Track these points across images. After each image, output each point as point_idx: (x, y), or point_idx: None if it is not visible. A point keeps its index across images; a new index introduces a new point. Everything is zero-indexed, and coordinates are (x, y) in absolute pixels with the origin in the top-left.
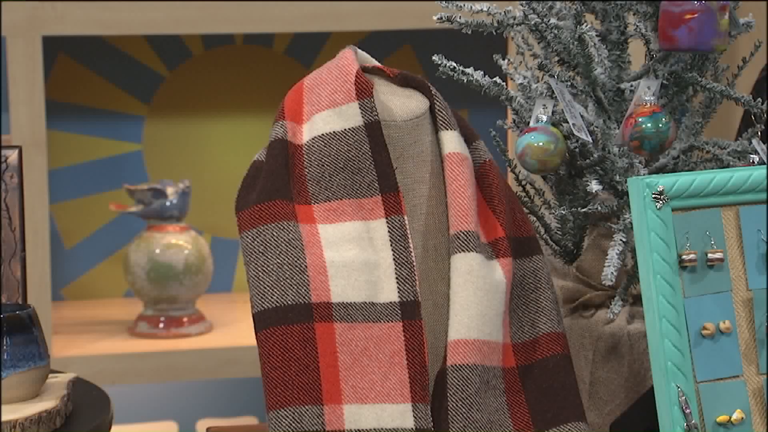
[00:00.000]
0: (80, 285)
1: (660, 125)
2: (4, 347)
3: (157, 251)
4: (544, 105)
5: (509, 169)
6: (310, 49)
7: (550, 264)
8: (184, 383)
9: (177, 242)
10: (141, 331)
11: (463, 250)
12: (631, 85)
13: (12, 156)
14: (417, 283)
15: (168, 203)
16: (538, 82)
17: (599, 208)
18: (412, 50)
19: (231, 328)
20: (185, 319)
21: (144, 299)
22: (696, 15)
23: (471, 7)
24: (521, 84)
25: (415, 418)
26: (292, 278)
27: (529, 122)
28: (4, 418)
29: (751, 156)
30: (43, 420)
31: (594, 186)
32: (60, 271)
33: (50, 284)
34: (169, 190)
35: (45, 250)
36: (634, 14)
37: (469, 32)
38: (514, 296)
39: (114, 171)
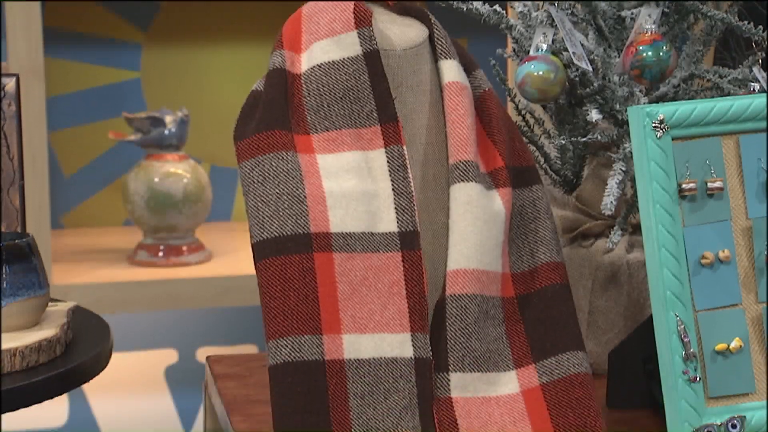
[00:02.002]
0: (79, 213)
1: (661, 53)
2: (4, 276)
3: (156, 180)
4: (544, 33)
5: (509, 99)
6: None
7: (549, 194)
8: (184, 312)
9: (176, 171)
10: (140, 260)
11: (462, 180)
12: (632, 13)
13: (9, 84)
14: (416, 213)
15: (167, 132)
16: (538, 10)
17: (599, 137)
18: None
19: (230, 257)
20: (185, 248)
21: (143, 228)
22: None
23: None
24: (521, 12)
25: (414, 347)
26: (291, 208)
27: (529, 51)
28: (4, 346)
29: (752, 84)
30: (43, 348)
31: (594, 115)
32: (59, 200)
33: (49, 213)
34: (168, 119)
35: (44, 178)
36: None
37: None
38: (513, 226)
39: (112, 99)
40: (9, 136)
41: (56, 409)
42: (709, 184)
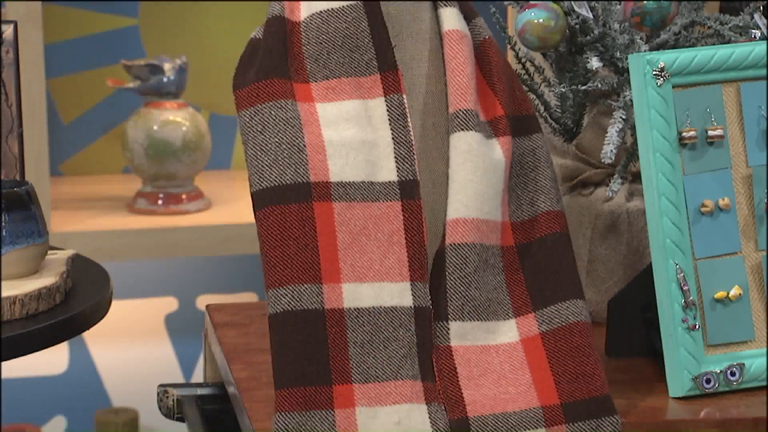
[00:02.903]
0: (78, 160)
1: (661, 0)
2: (3, 224)
3: (155, 128)
4: None
5: (509, 47)
6: None
7: (549, 142)
8: (184, 260)
9: (175, 119)
10: (140, 208)
11: (462, 129)
12: None
13: (7, 31)
14: (416, 162)
15: (165, 79)
16: None
17: (599, 85)
18: None
19: (230, 206)
20: (184, 196)
21: (142, 176)
22: None
23: None
24: None
25: (413, 296)
26: (291, 157)
27: None
28: (3, 294)
29: (753, 31)
30: (42, 296)
31: (594, 63)
32: (58, 147)
33: (48, 160)
34: (166, 66)
35: (42, 125)
36: None
37: None
38: (513, 175)
39: (111, 46)
40: (7, 83)
41: (56, 356)
42: (710, 132)
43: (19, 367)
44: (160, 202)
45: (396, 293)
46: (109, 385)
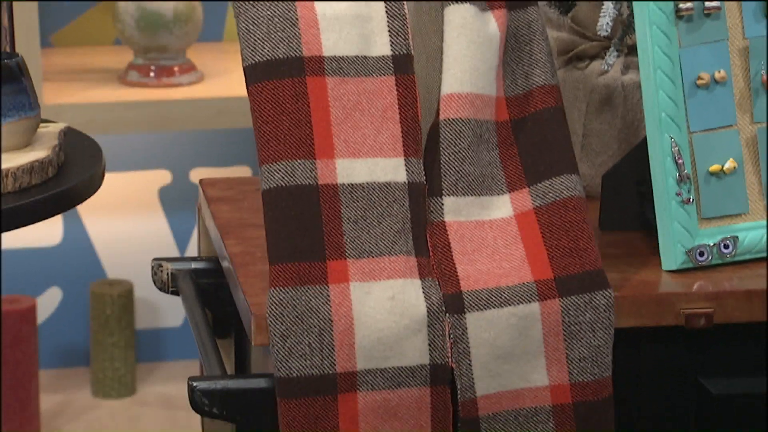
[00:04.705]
0: (69, 31)
1: None
2: None
3: None
4: None
5: None
6: None
7: (544, 15)
8: (176, 133)
9: None
10: (132, 80)
11: (456, 1)
12: None
13: None
14: (409, 36)
15: None
16: None
17: None
18: None
19: (222, 79)
20: (176, 69)
21: (134, 48)
22: None
23: None
24: None
25: (407, 171)
26: (283, 31)
27: None
28: None
29: None
30: (35, 169)
31: None
32: (48, 18)
33: (39, 32)
34: None
35: None
36: None
37: None
38: (507, 49)
39: None
40: None
41: (51, 228)
42: (707, 4)
43: (14, 239)
44: (152, 74)
45: (390, 169)
46: (103, 258)
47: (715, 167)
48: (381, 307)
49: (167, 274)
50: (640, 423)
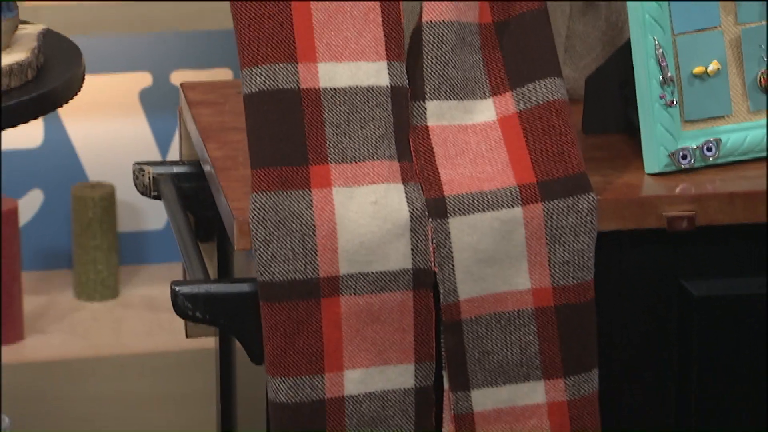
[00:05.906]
0: None
1: None
2: None
3: None
4: None
5: None
6: None
7: None
8: (157, 34)
9: None
10: None
11: None
12: None
13: None
14: None
15: None
16: None
17: None
18: None
19: None
20: None
21: None
22: None
23: None
24: None
25: (390, 75)
26: None
27: None
28: None
29: None
30: (14, 72)
31: None
32: None
33: None
34: None
35: None
36: None
37: None
38: None
39: None
40: None
41: (31, 130)
42: None
43: None
44: None
45: (372, 72)
46: (84, 160)
47: (698, 69)
48: (364, 212)
49: (149, 178)
50: (622, 325)
